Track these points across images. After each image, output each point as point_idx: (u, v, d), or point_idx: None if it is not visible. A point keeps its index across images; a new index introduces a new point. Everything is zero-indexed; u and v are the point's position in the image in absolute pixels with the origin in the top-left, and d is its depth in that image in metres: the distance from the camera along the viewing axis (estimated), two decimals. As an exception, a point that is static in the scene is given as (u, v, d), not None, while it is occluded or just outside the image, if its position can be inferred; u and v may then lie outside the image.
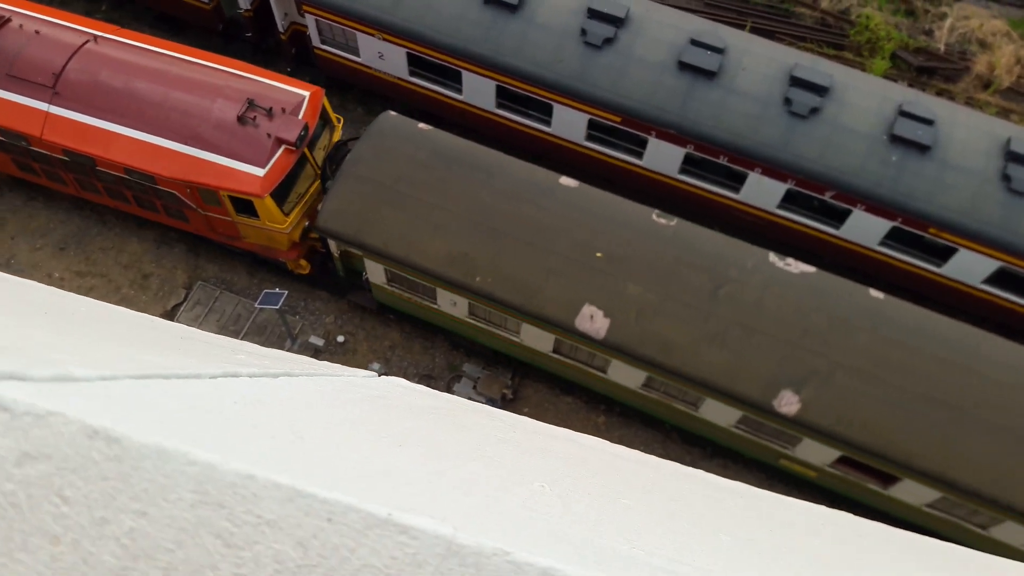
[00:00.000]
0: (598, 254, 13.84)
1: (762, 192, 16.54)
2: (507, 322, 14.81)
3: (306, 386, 2.57)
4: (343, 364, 16.33)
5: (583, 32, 16.58)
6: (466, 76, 17.42)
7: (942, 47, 21.24)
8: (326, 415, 2.28)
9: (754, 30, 20.86)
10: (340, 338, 16.83)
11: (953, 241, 15.49)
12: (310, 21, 18.16)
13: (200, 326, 16.75)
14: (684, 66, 16.20)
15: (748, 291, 13.58)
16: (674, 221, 14.44)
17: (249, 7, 19.04)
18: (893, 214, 15.57)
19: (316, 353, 16.68)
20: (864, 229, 16.24)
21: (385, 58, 18.05)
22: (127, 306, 16.80)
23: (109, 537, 1.22)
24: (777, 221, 17.07)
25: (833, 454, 13.66)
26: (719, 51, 16.30)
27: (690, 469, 3.31)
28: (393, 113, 15.69)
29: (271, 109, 14.48)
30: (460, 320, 15.50)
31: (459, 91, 17.95)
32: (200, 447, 1.30)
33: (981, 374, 13.09)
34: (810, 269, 14.11)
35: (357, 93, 19.72)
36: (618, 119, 16.52)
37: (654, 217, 14.41)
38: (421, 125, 15.44)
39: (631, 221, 14.29)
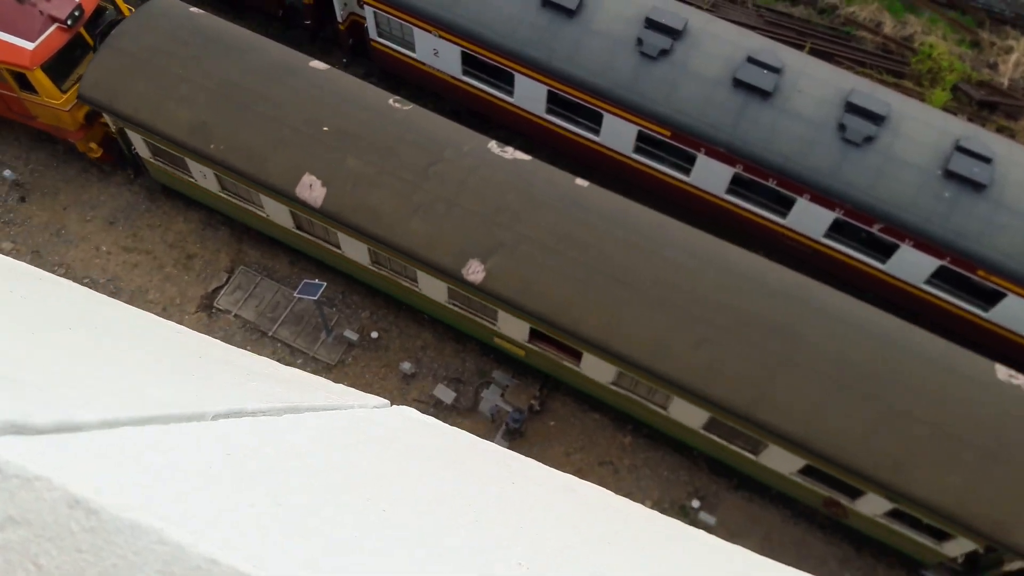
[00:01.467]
0: (324, 128, 14.71)
1: (809, 219, 16.26)
2: (252, 195, 15.79)
3: (308, 429, 2.58)
4: (376, 360, 16.49)
5: (639, 42, 16.44)
6: (518, 79, 17.40)
7: (1006, 82, 20.66)
8: (320, 465, 2.29)
9: (813, 51, 20.49)
10: (374, 334, 16.95)
11: (1002, 285, 15.08)
12: (368, 13, 18.28)
13: (239, 311, 17.01)
14: (739, 83, 15.98)
15: (457, 170, 14.46)
16: (409, 106, 15.31)
17: (310, -4, 19.24)
18: (941, 252, 15.20)
19: (349, 347, 16.84)
20: (910, 266, 15.88)
21: (440, 55, 18.11)
22: (172, 285, 17.16)
23: None
24: (822, 250, 16.79)
25: (525, 327, 14.58)
26: (776, 71, 16.05)
27: (692, 530, 3.27)
28: (174, 1, 16.74)
29: None
30: (215, 195, 16.61)
31: (510, 94, 17.94)
32: (174, 524, 1.31)
33: (663, 256, 13.82)
34: (524, 157, 14.94)
35: (411, 88, 19.82)
36: (668, 133, 16.37)
37: (390, 101, 15.32)
38: (193, 9, 16.59)
39: (367, 103, 15.19)
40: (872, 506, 13.71)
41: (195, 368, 3.04)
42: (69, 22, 15.74)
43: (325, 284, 15.36)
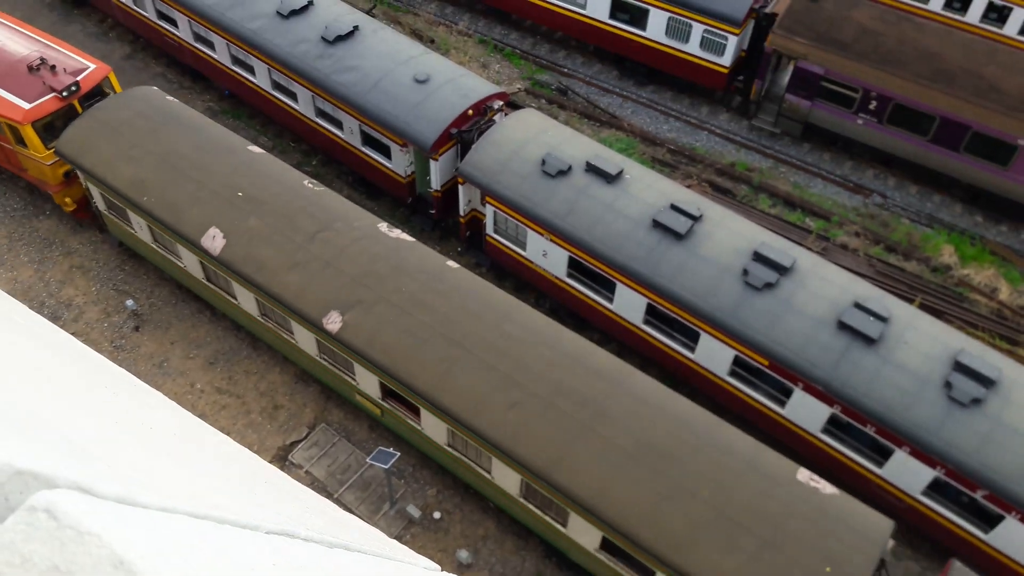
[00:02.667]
0: (239, 194, 17.23)
1: (907, 473, 15.42)
2: (173, 246, 18.16)
3: (353, 566, 2.50)
4: (434, 542, 15.97)
5: (745, 272, 16.72)
6: (620, 288, 17.81)
7: None
8: None
9: (923, 307, 20.31)
10: (436, 514, 16.55)
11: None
12: (488, 211, 19.38)
13: (311, 467, 17.01)
14: (843, 326, 15.86)
15: (341, 239, 16.57)
16: (320, 188, 17.74)
17: (439, 188, 20.63)
18: (1054, 533, 14.01)
19: (409, 524, 16.43)
20: (1017, 538, 14.65)
21: (548, 257, 18.83)
22: (253, 432, 17.43)
23: None
24: (918, 508, 15.75)
25: (375, 382, 15.97)
26: (882, 319, 15.90)
27: None
28: (155, 88, 20.14)
29: (55, 67, 19.61)
30: (149, 247, 19.13)
31: (611, 300, 18.31)
32: None
33: (501, 329, 15.20)
34: (408, 238, 17.00)
35: (516, 282, 20.51)
36: (766, 362, 16.20)
37: (305, 182, 17.91)
38: (169, 97, 19.82)
39: (285, 181, 17.75)
40: None
41: (262, 491, 3.04)
42: (64, 93, 19.36)
43: (399, 454, 15.30)
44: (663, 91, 26.67)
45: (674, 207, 17.66)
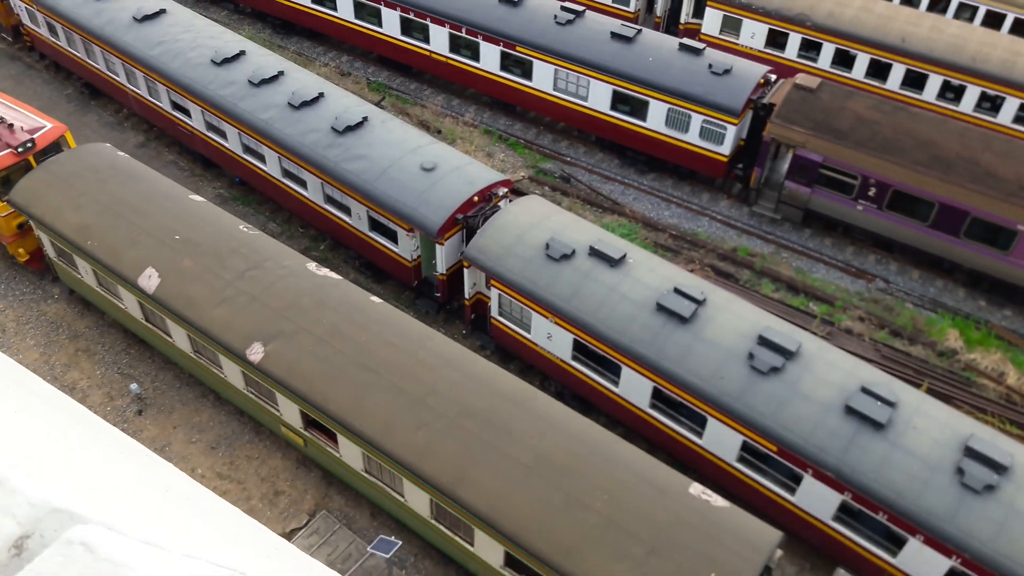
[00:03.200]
0: (176, 237, 18.33)
1: (923, 563, 15.00)
2: (115, 288, 19.12)
3: None
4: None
5: (750, 356, 16.69)
6: (625, 371, 17.75)
7: None
8: None
9: (930, 392, 20.16)
10: (439, 607, 16.06)
11: None
12: (494, 294, 19.50)
13: (311, 555, 16.60)
14: (851, 411, 15.72)
15: (269, 276, 17.50)
16: (254, 232, 18.97)
17: (444, 272, 20.82)
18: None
19: (411, 615, 15.93)
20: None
21: (552, 339, 18.84)
22: (253, 518, 17.09)
23: None
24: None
25: (296, 411, 16.64)
26: (890, 404, 15.78)
27: None
28: (107, 144, 21.44)
29: (12, 125, 21.13)
30: (95, 291, 20.13)
31: (616, 384, 18.22)
32: None
33: (416, 357, 16.02)
34: (334, 276, 17.97)
35: (521, 365, 20.45)
36: (774, 448, 15.99)
37: (240, 227, 19.00)
38: (120, 152, 21.07)
39: (220, 225, 18.92)
40: None
41: (271, 556, 3.02)
42: (19, 149, 20.77)
43: (400, 543, 14.98)
44: (664, 179, 27.17)
45: (678, 291, 17.76)
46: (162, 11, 26.22)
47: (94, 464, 2.20)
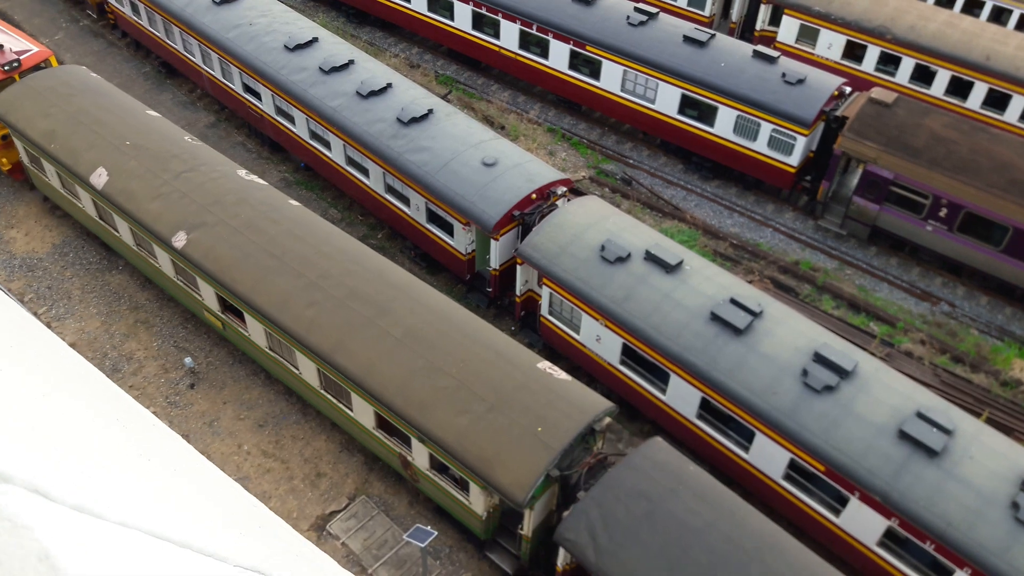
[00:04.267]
0: (127, 142, 20.58)
1: (970, 599, 14.46)
2: (75, 189, 21.50)
3: None
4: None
5: (804, 372, 16.29)
6: (674, 379, 17.50)
7: None
8: None
9: (990, 421, 19.42)
10: (470, 600, 16.07)
11: None
12: (545, 292, 19.42)
13: (348, 539, 16.80)
14: (905, 436, 15.23)
15: (201, 178, 19.72)
16: (197, 143, 21.08)
17: (498, 268, 20.82)
18: None
19: (442, 606, 15.98)
20: None
21: (601, 342, 18.68)
22: (294, 498, 17.35)
23: None
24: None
25: (213, 294, 18.79)
26: (946, 431, 15.24)
27: None
28: (83, 67, 23.74)
29: (2, 47, 23.74)
30: (59, 193, 22.63)
31: (664, 392, 17.98)
32: None
33: (318, 249, 18.02)
34: (260, 181, 20.19)
35: (567, 365, 20.35)
36: (822, 468, 15.59)
37: (185, 137, 21.26)
38: (93, 74, 23.46)
39: (168, 135, 21.17)
40: (421, 458, 16.14)
41: (254, 532, 2.98)
42: (6, 67, 23.42)
43: (436, 533, 14.99)
44: (728, 186, 26.73)
45: (734, 301, 17.44)
46: (240, -5, 26.77)
47: (66, 422, 2.19)
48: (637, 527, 13.59)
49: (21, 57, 23.81)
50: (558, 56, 27.68)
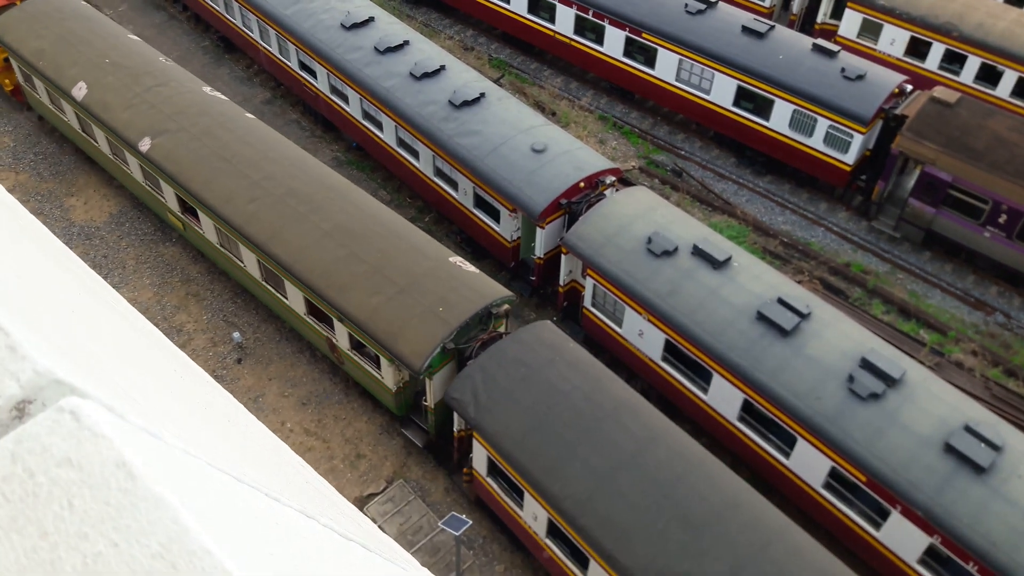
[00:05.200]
0: (106, 60, 22.70)
1: (1011, 620, 14.19)
2: (60, 104, 23.73)
3: (361, 556, 2.56)
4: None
5: (850, 379, 16.04)
6: (716, 379, 17.35)
7: None
8: None
9: (1043, 438, 18.90)
10: (502, 589, 16.22)
11: None
12: (588, 283, 19.35)
13: (384, 523, 17.06)
14: (951, 450, 14.94)
15: (168, 92, 21.82)
16: (169, 62, 23.32)
17: (542, 256, 20.78)
18: None
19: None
20: None
21: (644, 337, 18.58)
22: (333, 478, 17.64)
23: (79, 551, 1.39)
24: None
25: (174, 195, 20.90)
26: (995, 447, 14.90)
27: None
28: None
29: None
30: (49, 109, 24.87)
31: (705, 391, 17.85)
32: (193, 512, 1.48)
33: (267, 156, 20.15)
34: (221, 96, 22.36)
35: (607, 358, 20.27)
36: (864, 479, 15.37)
37: (160, 58, 23.42)
38: (82, 2, 25.60)
39: (145, 55, 23.35)
40: (343, 338, 18.07)
41: (301, 487, 3.09)
42: None
43: (471, 523, 15.13)
44: (781, 182, 26.28)
45: (781, 301, 17.21)
46: (299, -28, 26.90)
47: (130, 365, 2.38)
48: (513, 388, 15.57)
49: None
50: (613, 42, 27.37)
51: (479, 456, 16.12)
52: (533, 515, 15.35)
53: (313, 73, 25.63)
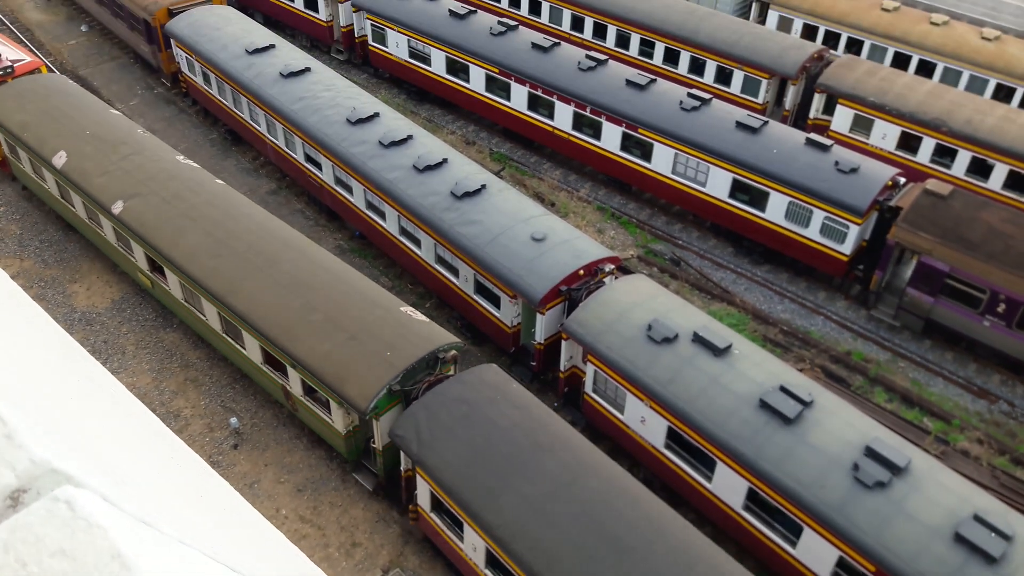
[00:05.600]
0: (87, 132, 24.50)
1: None
2: (41, 171, 25.34)
3: None
4: None
5: (855, 467, 15.81)
6: (720, 467, 17.10)
7: None
8: None
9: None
10: None
11: None
12: (589, 370, 19.30)
13: (378, 613, 16.49)
14: (961, 540, 14.59)
15: (142, 160, 23.39)
16: (146, 134, 24.89)
17: (542, 342, 20.79)
18: None
19: None
20: None
21: (646, 424, 18.40)
22: (328, 566, 17.17)
23: None
24: None
25: (143, 254, 22.29)
26: (1006, 537, 14.55)
27: None
28: (63, 76, 28.64)
29: (0, 55, 28.19)
30: (31, 178, 26.44)
31: (710, 479, 17.56)
32: None
33: (227, 213, 21.63)
34: (192, 164, 23.95)
35: (608, 444, 20.02)
36: (872, 568, 14.95)
37: (138, 131, 25.09)
38: (69, 81, 27.94)
39: (123, 127, 25.11)
40: (296, 385, 18.95)
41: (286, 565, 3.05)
42: (1, 71, 27.49)
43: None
44: (779, 271, 26.54)
45: (784, 389, 17.12)
46: (307, 69, 27.88)
47: (127, 452, 2.37)
48: (454, 425, 16.26)
49: (15, 64, 28.10)
50: (610, 138, 28.12)
51: (423, 491, 16.82)
52: (473, 546, 15.82)
53: (318, 165, 26.23)
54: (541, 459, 15.52)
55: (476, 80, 31.35)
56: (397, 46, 33.45)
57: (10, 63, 28.07)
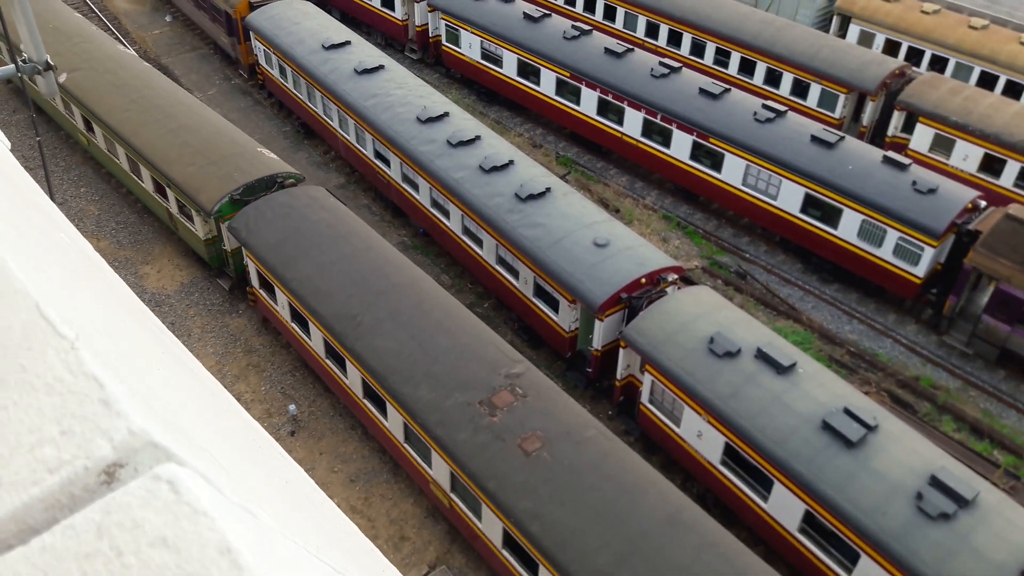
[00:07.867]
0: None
1: None
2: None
3: None
4: None
5: (919, 496, 15.26)
6: (777, 487, 16.70)
7: None
8: None
9: None
10: None
11: None
12: (647, 379, 19.04)
13: (423, 609, 16.53)
14: (1031, 579, 13.96)
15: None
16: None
17: (600, 348, 20.61)
18: None
19: None
20: None
21: (703, 438, 18.08)
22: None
23: None
24: None
25: (79, 115, 27.45)
26: (1081, 581, 13.87)
27: None
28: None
29: None
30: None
31: (765, 499, 17.16)
32: None
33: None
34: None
35: (663, 457, 19.73)
36: (932, 603, 14.41)
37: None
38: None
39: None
40: (173, 204, 24.35)
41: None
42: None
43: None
44: (849, 291, 25.83)
45: (848, 411, 16.63)
46: (381, 67, 28.21)
47: (219, 434, 2.20)
48: (274, 218, 21.39)
49: None
50: (680, 146, 27.76)
51: (252, 272, 21.90)
52: (281, 305, 21.05)
53: (387, 161, 26.50)
54: (339, 243, 20.65)
55: (547, 83, 31.31)
56: (470, 47, 33.62)
57: None
